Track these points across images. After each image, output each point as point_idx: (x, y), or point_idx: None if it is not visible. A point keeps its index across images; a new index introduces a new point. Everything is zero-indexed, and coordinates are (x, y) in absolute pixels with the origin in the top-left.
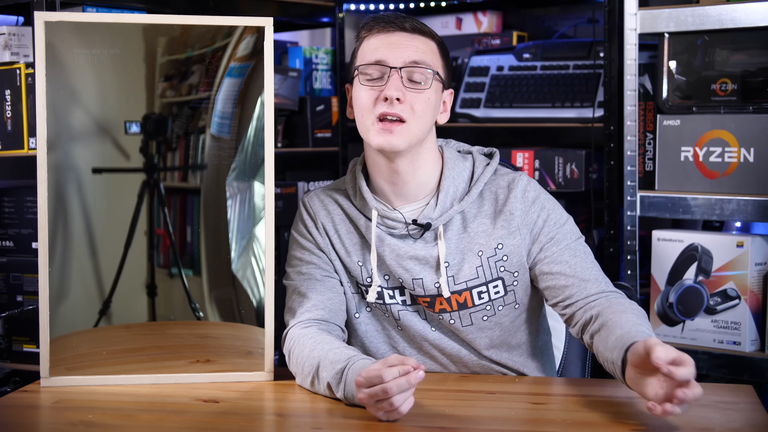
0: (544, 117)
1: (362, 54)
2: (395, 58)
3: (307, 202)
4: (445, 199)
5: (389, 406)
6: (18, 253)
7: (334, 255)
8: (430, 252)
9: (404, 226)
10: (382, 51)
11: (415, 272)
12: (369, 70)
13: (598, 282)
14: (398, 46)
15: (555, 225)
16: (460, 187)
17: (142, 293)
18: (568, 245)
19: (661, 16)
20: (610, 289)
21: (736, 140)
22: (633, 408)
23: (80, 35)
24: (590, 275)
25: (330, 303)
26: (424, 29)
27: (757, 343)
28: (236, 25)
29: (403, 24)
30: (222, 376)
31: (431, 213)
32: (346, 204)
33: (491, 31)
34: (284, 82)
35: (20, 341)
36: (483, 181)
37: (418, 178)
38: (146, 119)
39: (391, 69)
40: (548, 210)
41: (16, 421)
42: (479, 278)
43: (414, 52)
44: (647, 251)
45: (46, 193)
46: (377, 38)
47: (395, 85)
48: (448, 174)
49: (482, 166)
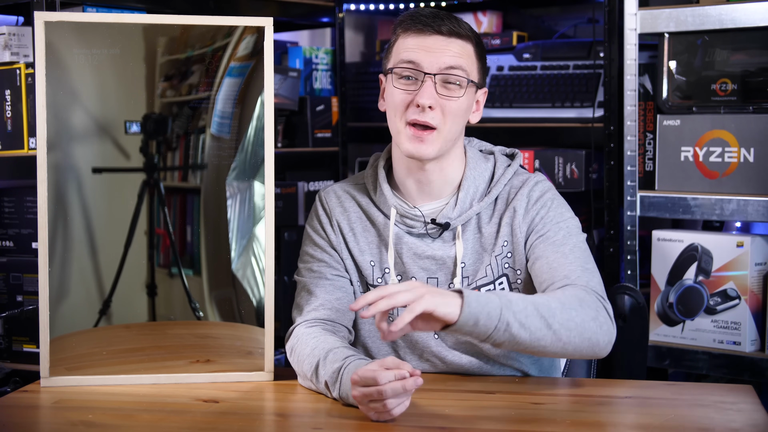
0: (544, 117)
1: (397, 52)
2: (430, 63)
3: (324, 198)
4: (465, 199)
5: (382, 407)
6: (18, 253)
7: (346, 253)
8: (448, 252)
9: (423, 224)
10: (418, 53)
11: (431, 272)
12: (404, 72)
13: (568, 278)
14: (434, 51)
15: (550, 222)
16: (480, 187)
17: (142, 293)
18: (555, 242)
19: (661, 16)
20: (578, 283)
21: (736, 140)
22: (633, 408)
23: (80, 35)
24: (566, 271)
25: (338, 303)
26: (461, 31)
27: (757, 343)
28: (236, 25)
29: (440, 27)
30: (222, 376)
31: (450, 213)
32: (364, 201)
33: (491, 31)
34: (284, 82)
35: (20, 341)
36: (502, 183)
37: (444, 176)
38: (146, 119)
39: (425, 75)
40: (548, 208)
41: (16, 421)
42: (487, 277)
43: (449, 58)
44: (647, 251)
45: (46, 193)
46: (414, 39)
47: (428, 93)
48: (470, 174)
49: (503, 167)
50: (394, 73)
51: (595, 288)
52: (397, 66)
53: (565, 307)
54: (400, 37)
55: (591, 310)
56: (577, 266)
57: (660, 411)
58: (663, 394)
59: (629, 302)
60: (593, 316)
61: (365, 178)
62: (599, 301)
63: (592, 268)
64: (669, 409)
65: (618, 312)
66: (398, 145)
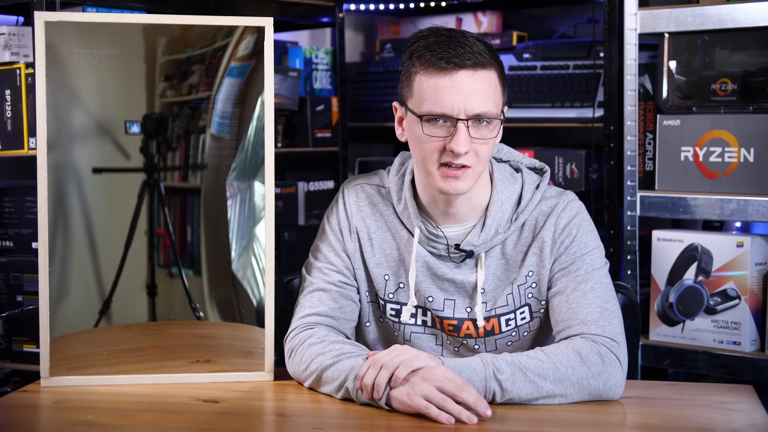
0: (544, 117)
1: (420, 92)
2: (460, 108)
3: (346, 196)
4: (491, 226)
5: (425, 408)
6: (18, 253)
7: (359, 263)
8: (468, 278)
9: (446, 247)
10: (446, 100)
11: (449, 293)
12: (434, 120)
13: (584, 324)
14: (462, 92)
15: (574, 254)
16: (506, 213)
17: (143, 293)
18: (576, 278)
19: (661, 16)
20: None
21: (736, 140)
22: (633, 408)
23: (80, 35)
24: (583, 315)
25: (341, 312)
26: (485, 60)
27: (757, 343)
28: (236, 25)
29: (464, 62)
30: (222, 376)
31: (476, 240)
32: (387, 212)
33: (491, 31)
34: (284, 82)
35: (20, 341)
36: (529, 210)
37: (470, 203)
38: (146, 119)
39: (458, 121)
40: (573, 237)
41: (16, 421)
42: (508, 306)
43: (479, 101)
44: (647, 251)
45: (46, 193)
46: (438, 80)
47: (464, 141)
48: (497, 198)
49: (531, 189)
50: (424, 121)
51: (610, 334)
52: (425, 115)
53: (560, 366)
54: (420, 73)
55: (594, 366)
56: (596, 308)
57: (660, 411)
58: (663, 394)
59: (622, 300)
60: (595, 373)
61: (389, 183)
62: (609, 353)
63: (611, 308)
64: (669, 409)
65: None
66: (431, 185)
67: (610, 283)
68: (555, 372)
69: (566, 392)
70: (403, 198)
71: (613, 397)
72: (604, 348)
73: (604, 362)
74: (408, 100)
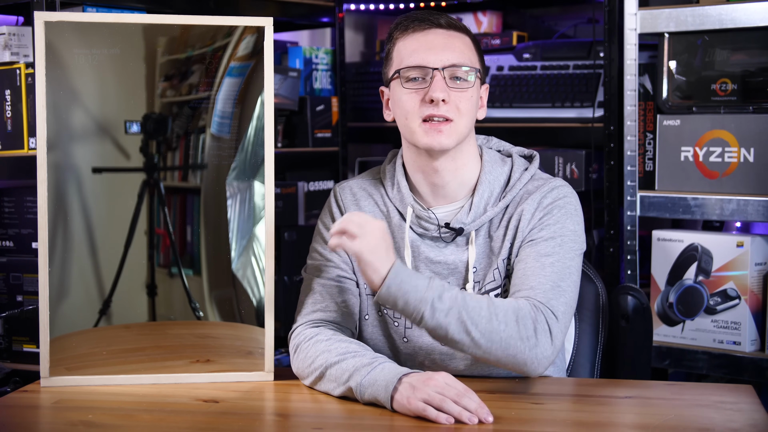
0: (544, 117)
1: (399, 56)
2: (435, 58)
3: (339, 194)
4: (479, 204)
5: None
6: (18, 253)
7: None
8: (460, 257)
9: (437, 228)
10: (422, 53)
11: (443, 276)
12: (410, 73)
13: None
14: (437, 46)
15: (546, 229)
16: (495, 192)
17: (142, 293)
18: (539, 250)
19: (661, 16)
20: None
21: (736, 140)
22: (633, 408)
23: (80, 35)
24: (534, 283)
25: (344, 307)
26: (458, 24)
27: (757, 343)
28: (236, 25)
29: (438, 20)
30: (222, 376)
31: (465, 218)
32: (380, 200)
33: (491, 31)
34: (284, 82)
35: (20, 341)
36: (517, 188)
37: (458, 177)
38: (146, 119)
39: (434, 70)
40: (552, 215)
41: (16, 421)
42: (495, 281)
43: (453, 52)
44: (647, 251)
45: (46, 193)
46: (414, 38)
47: (440, 87)
48: (485, 178)
49: (520, 171)
50: (402, 76)
51: (553, 307)
52: (402, 68)
53: (494, 319)
54: (398, 40)
55: (525, 329)
56: (549, 281)
57: (660, 411)
58: (663, 394)
59: (633, 303)
60: (525, 336)
61: (381, 172)
62: (544, 323)
63: (565, 287)
64: (669, 409)
65: (621, 313)
66: (416, 144)
67: (575, 266)
68: (488, 323)
69: (490, 348)
70: (396, 180)
71: (533, 371)
72: (541, 316)
73: (536, 329)
74: (390, 72)
